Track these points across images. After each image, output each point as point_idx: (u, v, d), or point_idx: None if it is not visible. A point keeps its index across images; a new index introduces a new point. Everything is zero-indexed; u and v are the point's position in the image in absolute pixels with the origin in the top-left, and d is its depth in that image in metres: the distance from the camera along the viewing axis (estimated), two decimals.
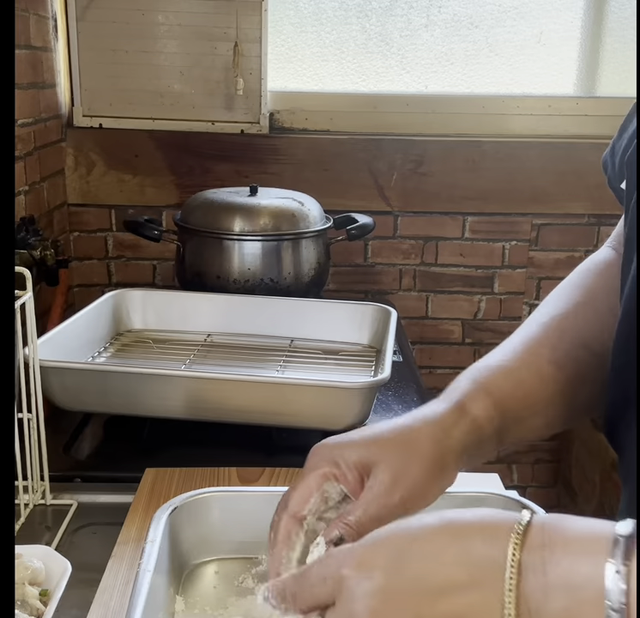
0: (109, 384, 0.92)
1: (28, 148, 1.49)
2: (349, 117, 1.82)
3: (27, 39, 1.48)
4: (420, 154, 1.81)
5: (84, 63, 1.71)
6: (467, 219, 1.86)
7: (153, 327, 1.23)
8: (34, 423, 0.79)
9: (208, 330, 1.23)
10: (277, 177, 1.75)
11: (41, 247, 1.21)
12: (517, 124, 1.84)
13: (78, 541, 0.77)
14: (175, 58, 1.73)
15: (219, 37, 1.71)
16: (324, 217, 1.44)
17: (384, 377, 0.93)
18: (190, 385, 0.93)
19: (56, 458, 0.86)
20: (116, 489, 0.85)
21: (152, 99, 1.74)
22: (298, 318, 1.21)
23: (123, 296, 1.22)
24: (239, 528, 0.70)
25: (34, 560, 0.64)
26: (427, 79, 1.85)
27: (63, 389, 0.92)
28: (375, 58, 1.83)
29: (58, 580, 0.63)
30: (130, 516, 0.77)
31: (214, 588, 0.67)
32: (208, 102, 1.75)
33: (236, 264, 1.34)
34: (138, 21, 1.69)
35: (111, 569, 0.69)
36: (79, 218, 1.80)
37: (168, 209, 1.78)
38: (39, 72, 1.55)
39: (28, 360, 0.78)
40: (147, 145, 1.76)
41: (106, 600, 0.65)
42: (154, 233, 1.41)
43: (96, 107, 1.74)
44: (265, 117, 1.77)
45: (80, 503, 0.82)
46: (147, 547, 0.62)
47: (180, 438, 0.98)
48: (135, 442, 0.98)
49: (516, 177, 1.82)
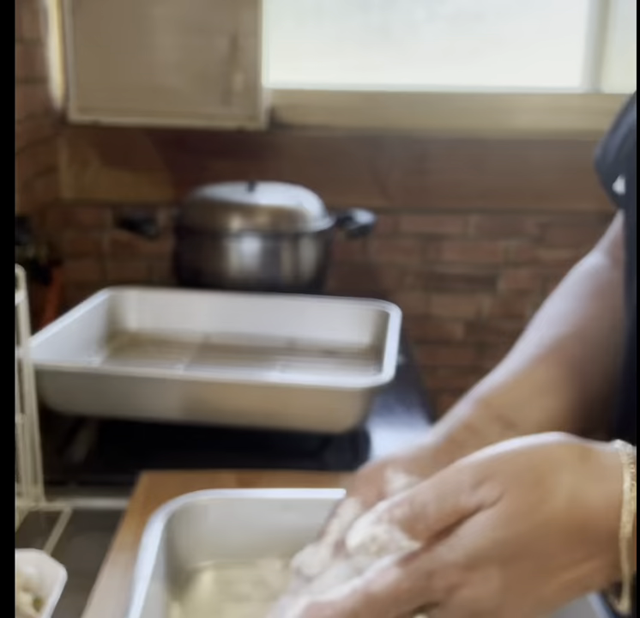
0: (104, 387, 0.91)
1: (21, 145, 1.47)
2: (350, 113, 1.81)
3: (19, 32, 1.46)
4: (422, 151, 1.79)
5: (78, 58, 1.69)
6: (470, 217, 1.84)
7: (149, 327, 1.22)
8: (28, 426, 0.78)
9: (206, 330, 1.22)
10: (276, 174, 1.73)
11: (34, 246, 1.20)
12: (522, 120, 1.82)
13: (72, 546, 0.75)
14: (171, 53, 1.71)
15: (216, 31, 1.69)
16: (324, 215, 1.42)
17: (386, 378, 0.92)
18: (187, 388, 0.91)
19: (49, 462, 0.84)
20: (111, 493, 0.83)
21: (148, 95, 1.72)
22: (297, 318, 1.20)
23: (119, 295, 1.21)
24: (237, 533, 0.69)
25: (27, 566, 0.63)
26: (430, 74, 1.83)
27: (56, 391, 0.91)
28: (376, 53, 1.81)
29: (52, 587, 0.62)
30: (126, 520, 0.76)
31: (210, 594, 0.66)
32: (205, 98, 1.74)
33: (234, 263, 1.32)
34: (134, 15, 1.67)
35: (106, 575, 0.68)
36: (73, 216, 1.78)
37: (165, 207, 1.75)
38: (32, 66, 1.53)
39: (21, 361, 0.77)
40: (143, 141, 1.74)
41: (101, 607, 0.64)
42: (151, 230, 1.40)
43: (91, 103, 1.72)
44: (264, 112, 1.75)
45: (74, 508, 0.81)
46: (142, 552, 0.61)
47: (177, 441, 0.97)
48: (130, 445, 0.96)
49: (520, 174, 1.80)
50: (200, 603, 0.64)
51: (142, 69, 1.71)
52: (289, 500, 0.68)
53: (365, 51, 1.81)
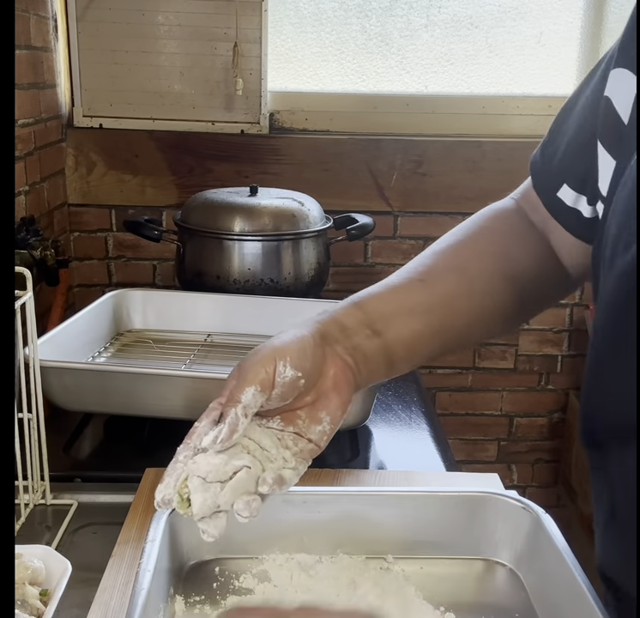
0: (109, 384, 0.92)
1: (29, 149, 1.49)
2: (349, 117, 1.82)
3: (27, 40, 1.48)
4: (420, 155, 1.81)
5: (84, 63, 1.71)
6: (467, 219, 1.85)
7: (153, 327, 1.23)
8: (34, 423, 0.79)
9: (208, 330, 1.23)
10: (277, 177, 1.75)
11: (41, 247, 1.21)
12: (517, 125, 1.84)
13: (78, 541, 0.77)
14: (175, 58, 1.73)
15: (219, 37, 1.71)
16: (324, 217, 1.44)
17: None
18: (190, 385, 0.92)
19: (56, 458, 0.86)
20: (116, 489, 0.85)
21: (152, 100, 1.75)
22: (298, 318, 1.20)
23: (124, 296, 1.23)
24: (240, 527, 0.69)
25: (34, 559, 0.65)
26: (427, 79, 1.85)
27: (63, 389, 0.92)
28: (375, 59, 1.82)
29: (58, 580, 0.63)
30: (130, 516, 0.77)
31: (214, 587, 0.67)
32: (207, 102, 1.76)
33: (236, 264, 1.34)
34: (138, 21, 1.69)
35: (111, 569, 0.69)
36: (79, 218, 1.80)
37: (168, 209, 1.78)
38: (40, 72, 1.55)
39: (28, 360, 0.78)
40: (147, 145, 1.76)
41: (106, 600, 0.65)
42: (154, 233, 1.41)
43: (96, 107, 1.74)
44: (265, 117, 1.77)
45: (80, 503, 0.82)
46: (147, 546, 0.62)
47: (180, 438, 0.96)
48: (135, 442, 0.98)
49: (515, 177, 1.80)
50: (203, 596, 0.65)
51: (147, 75, 1.73)
52: (290, 496, 0.69)
53: (364, 56, 1.83)
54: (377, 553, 0.70)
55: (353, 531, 0.70)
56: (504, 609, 0.65)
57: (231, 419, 0.56)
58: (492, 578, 0.69)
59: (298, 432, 0.59)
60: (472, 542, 0.70)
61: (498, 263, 0.68)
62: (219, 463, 0.55)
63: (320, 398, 0.60)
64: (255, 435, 0.58)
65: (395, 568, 0.69)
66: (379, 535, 0.70)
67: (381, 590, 0.65)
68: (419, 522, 0.70)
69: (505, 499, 0.70)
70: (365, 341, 0.62)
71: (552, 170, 0.65)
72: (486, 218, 0.72)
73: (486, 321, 0.68)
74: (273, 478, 0.55)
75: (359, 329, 0.62)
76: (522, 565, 0.69)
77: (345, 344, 0.61)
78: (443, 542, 0.70)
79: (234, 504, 0.55)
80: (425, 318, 0.64)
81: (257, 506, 0.55)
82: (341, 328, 0.62)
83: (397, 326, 0.63)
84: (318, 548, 0.69)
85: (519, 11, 1.81)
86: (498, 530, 0.70)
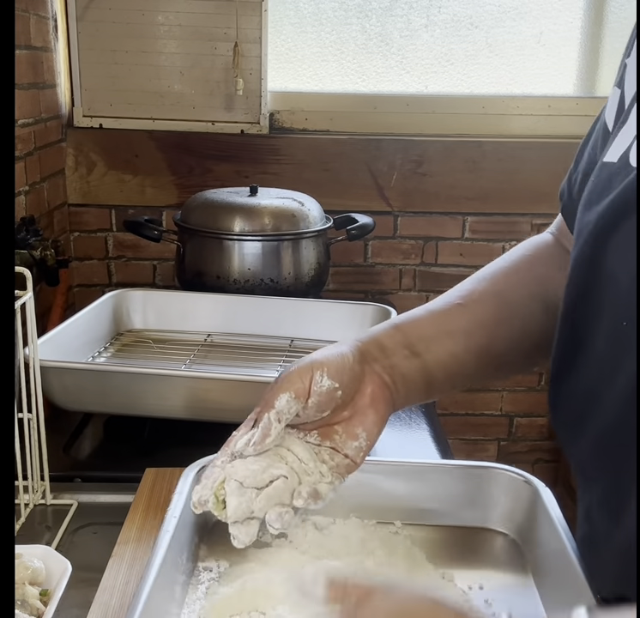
0: (109, 384, 0.93)
1: (29, 149, 1.49)
2: (349, 117, 1.82)
3: (27, 40, 1.48)
4: (420, 155, 1.81)
5: (84, 64, 1.71)
6: (467, 219, 1.86)
7: (153, 327, 1.24)
8: (34, 423, 0.79)
9: (208, 330, 1.23)
10: (277, 177, 1.76)
11: (41, 247, 1.21)
12: (517, 125, 1.84)
13: (78, 541, 0.77)
14: (175, 59, 1.73)
15: (219, 37, 1.71)
16: (324, 217, 1.44)
17: None
18: (190, 385, 0.93)
19: (56, 458, 0.86)
20: (116, 489, 0.85)
21: (152, 100, 1.75)
22: (298, 318, 1.22)
23: (124, 296, 1.23)
24: None
25: (34, 559, 0.65)
26: (427, 79, 1.85)
27: (63, 389, 0.92)
28: (375, 59, 1.83)
29: (58, 580, 0.63)
30: (131, 516, 0.77)
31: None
32: (208, 102, 1.76)
33: (236, 264, 1.34)
34: (138, 21, 1.70)
35: (111, 569, 0.69)
36: (79, 218, 1.80)
37: (168, 209, 1.78)
38: (40, 72, 1.55)
39: (28, 360, 0.78)
40: (147, 145, 1.76)
41: (106, 600, 0.65)
42: (154, 233, 1.41)
43: (96, 107, 1.74)
44: (265, 117, 1.77)
45: (80, 503, 0.82)
46: (174, 497, 0.66)
47: (180, 438, 0.98)
48: (135, 442, 0.98)
49: (515, 177, 1.82)
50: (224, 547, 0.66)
51: (147, 75, 1.73)
52: None
53: (364, 56, 1.83)
54: (387, 518, 0.74)
55: (365, 498, 0.73)
56: (501, 573, 0.69)
57: (264, 423, 0.57)
58: (493, 545, 0.73)
59: (334, 447, 0.61)
60: (475, 512, 0.74)
61: (538, 290, 0.68)
62: (257, 470, 0.57)
63: (357, 414, 0.61)
64: (294, 447, 0.59)
65: (402, 532, 0.73)
66: (389, 502, 0.74)
67: (388, 550, 0.69)
68: (427, 491, 0.74)
69: (508, 473, 0.74)
70: (403, 361, 0.63)
71: (574, 198, 0.65)
72: (526, 248, 0.72)
73: (526, 348, 0.67)
74: (308, 492, 0.57)
75: (397, 349, 0.63)
76: (521, 534, 0.72)
77: (383, 363, 0.62)
78: (448, 511, 0.74)
79: (267, 514, 0.56)
80: (465, 341, 0.65)
81: (289, 519, 0.56)
82: (381, 347, 0.63)
83: (436, 348, 0.64)
84: (332, 512, 0.72)
85: (519, 11, 1.81)
86: (500, 501, 0.74)
